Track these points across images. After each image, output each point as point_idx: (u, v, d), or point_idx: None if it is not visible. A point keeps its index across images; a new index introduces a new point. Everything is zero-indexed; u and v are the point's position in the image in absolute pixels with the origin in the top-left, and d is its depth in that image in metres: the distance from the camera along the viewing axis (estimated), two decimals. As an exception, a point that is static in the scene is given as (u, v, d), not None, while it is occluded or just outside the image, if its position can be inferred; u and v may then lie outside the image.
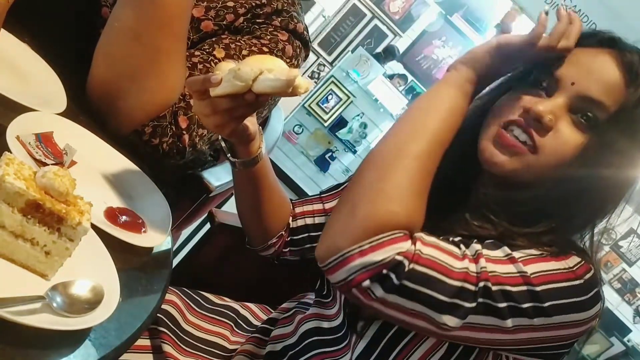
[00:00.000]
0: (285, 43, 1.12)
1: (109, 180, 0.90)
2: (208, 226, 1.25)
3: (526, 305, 0.71)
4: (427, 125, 0.78)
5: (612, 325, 4.63)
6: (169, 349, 0.95)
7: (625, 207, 0.84)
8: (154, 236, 0.84)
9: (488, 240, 0.77)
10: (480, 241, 0.76)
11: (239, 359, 1.00)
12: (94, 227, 0.71)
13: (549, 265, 0.74)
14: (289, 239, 1.08)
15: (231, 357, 1.01)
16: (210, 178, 1.19)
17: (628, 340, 4.65)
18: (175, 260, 1.07)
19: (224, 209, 1.42)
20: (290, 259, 1.09)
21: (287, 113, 4.86)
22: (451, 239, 0.76)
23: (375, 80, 4.80)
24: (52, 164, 0.75)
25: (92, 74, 1.00)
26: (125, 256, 0.76)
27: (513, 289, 0.71)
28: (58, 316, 0.59)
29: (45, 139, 0.79)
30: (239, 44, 1.09)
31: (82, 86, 1.01)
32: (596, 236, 0.83)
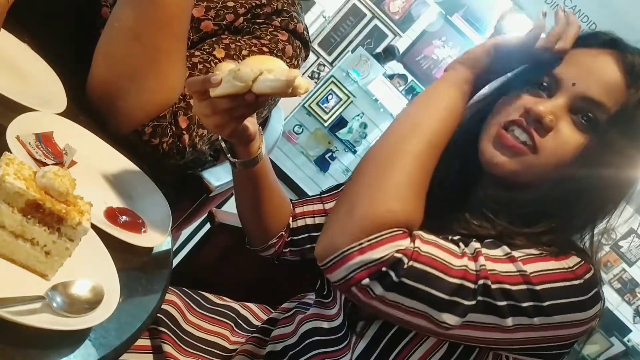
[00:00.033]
0: (285, 43, 1.12)
1: (109, 180, 0.90)
2: (208, 226, 1.25)
3: (526, 304, 0.71)
4: (425, 124, 0.79)
5: (612, 325, 4.63)
6: (169, 349, 0.95)
7: (626, 208, 0.84)
8: (154, 236, 0.84)
9: (487, 240, 0.77)
10: (479, 240, 0.76)
11: (239, 359, 1.00)
12: (94, 227, 0.72)
13: (549, 265, 0.74)
14: (289, 239, 1.08)
15: (231, 357, 1.01)
16: (210, 178, 1.19)
17: (628, 340, 4.66)
18: (175, 260, 1.07)
19: (224, 209, 1.42)
20: (291, 259, 1.09)
21: (287, 113, 4.86)
22: (450, 238, 0.76)
23: (375, 80, 4.80)
24: (52, 164, 0.75)
25: (92, 74, 1.00)
26: (125, 256, 0.76)
27: (513, 288, 0.71)
28: (58, 316, 0.59)
29: (45, 139, 0.79)
30: (239, 44, 1.09)
31: (82, 86, 1.01)
32: (596, 236, 0.83)
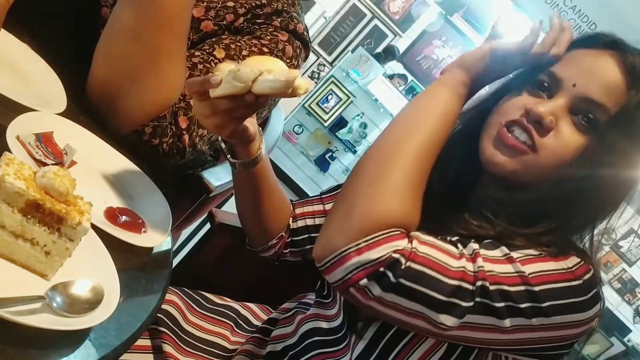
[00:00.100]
0: (286, 43, 1.12)
1: (109, 180, 0.90)
2: (208, 226, 1.25)
3: (524, 305, 0.71)
4: (422, 125, 0.79)
5: (612, 325, 4.63)
6: (169, 349, 0.95)
7: (626, 209, 0.84)
8: (154, 236, 0.84)
9: (486, 240, 0.77)
10: (478, 241, 0.76)
11: (239, 359, 1.00)
12: (94, 227, 0.72)
13: (548, 266, 0.74)
14: (289, 240, 1.08)
15: (231, 357, 1.01)
16: (210, 178, 1.19)
17: (628, 340, 4.66)
18: (175, 260, 1.07)
19: (224, 209, 1.42)
20: (291, 260, 1.09)
21: (287, 113, 4.86)
22: (449, 239, 0.76)
23: (375, 80, 4.80)
24: (52, 164, 0.75)
25: (92, 74, 1.00)
26: (125, 256, 0.76)
27: (511, 289, 0.71)
28: (58, 316, 0.59)
29: (45, 139, 0.79)
30: (239, 44, 1.09)
31: (82, 86, 1.01)
32: (596, 237, 0.83)
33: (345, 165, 5.08)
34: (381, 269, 0.69)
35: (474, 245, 0.74)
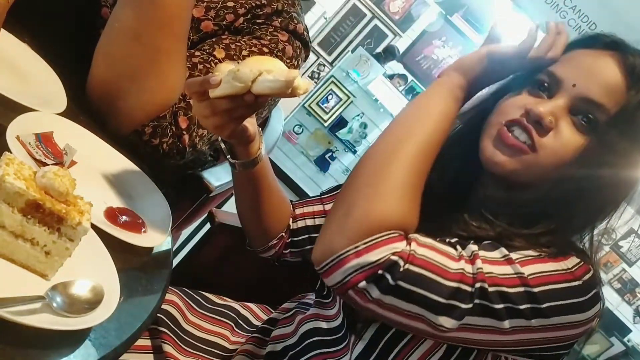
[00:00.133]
0: (286, 44, 1.12)
1: (109, 180, 0.90)
2: (208, 226, 1.25)
3: (523, 307, 0.71)
4: (419, 128, 0.79)
5: (612, 325, 4.63)
6: (169, 349, 0.95)
7: (627, 209, 0.84)
8: (154, 236, 0.84)
9: (485, 241, 0.77)
10: (477, 242, 0.76)
11: (239, 359, 1.00)
12: (94, 227, 0.72)
13: (547, 267, 0.74)
14: (289, 240, 1.08)
15: (231, 357, 1.01)
16: (210, 178, 1.19)
17: (628, 340, 4.66)
18: (175, 260, 1.07)
19: (224, 209, 1.42)
20: (291, 260, 1.09)
21: (287, 113, 4.86)
22: (448, 240, 0.76)
23: (375, 80, 4.80)
24: (52, 164, 0.75)
25: (92, 74, 1.01)
26: (125, 256, 0.76)
27: (510, 290, 0.71)
28: (58, 316, 0.59)
29: (45, 139, 0.79)
30: (239, 44, 1.09)
31: (82, 86, 1.01)
32: (596, 237, 0.83)
33: (345, 165, 5.08)
34: (380, 272, 0.69)
35: (472, 247, 0.74)
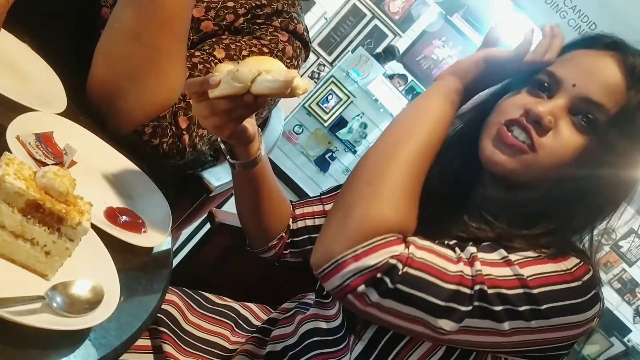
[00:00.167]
0: (286, 44, 1.12)
1: (109, 180, 0.90)
2: (208, 226, 1.25)
3: (523, 308, 0.71)
4: (416, 132, 0.79)
5: (612, 325, 4.63)
6: (169, 349, 0.95)
7: (627, 209, 0.84)
8: (154, 236, 0.84)
9: (484, 243, 0.77)
10: (477, 243, 0.76)
11: (239, 359, 1.00)
12: (94, 227, 0.72)
13: (546, 268, 0.74)
14: (289, 240, 1.08)
15: (231, 357, 1.01)
16: (210, 178, 1.19)
17: (628, 340, 4.66)
18: (175, 260, 1.07)
19: (224, 209, 1.42)
20: (291, 260, 1.09)
21: (287, 113, 4.86)
22: (446, 243, 0.76)
23: (375, 80, 4.80)
24: (52, 164, 0.75)
25: (92, 74, 1.01)
26: (125, 256, 0.76)
27: (509, 292, 0.71)
28: (58, 316, 0.59)
29: (45, 139, 0.79)
30: (239, 44, 1.09)
31: (82, 86, 1.01)
32: (596, 237, 0.83)
33: (345, 165, 5.08)
34: (378, 275, 0.68)
35: (471, 249, 0.74)
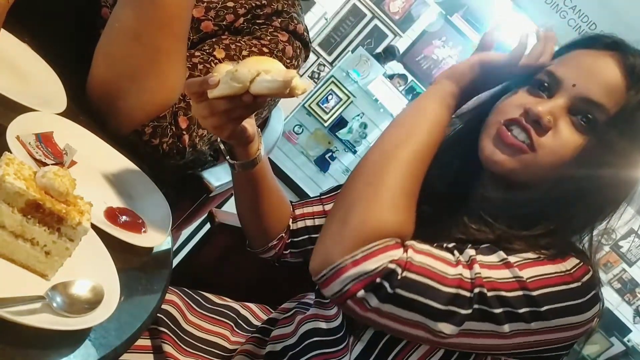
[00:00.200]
0: (286, 44, 1.12)
1: (109, 180, 0.90)
2: (208, 226, 1.25)
3: (522, 310, 0.70)
4: (412, 137, 0.79)
5: (612, 325, 4.63)
6: (169, 349, 0.95)
7: (627, 209, 0.84)
8: (154, 236, 0.84)
9: (484, 245, 0.77)
10: (476, 245, 0.76)
11: (239, 359, 1.00)
12: (94, 227, 0.72)
13: (546, 269, 0.74)
14: (289, 241, 1.08)
15: (231, 357, 1.01)
16: (210, 178, 1.19)
17: (628, 340, 4.66)
18: (175, 260, 1.07)
19: (224, 209, 1.42)
20: (291, 261, 1.09)
21: (287, 113, 4.86)
22: (445, 246, 0.76)
23: (375, 80, 4.80)
24: (52, 164, 0.75)
25: (92, 74, 1.01)
26: (125, 256, 0.76)
27: (509, 294, 0.71)
28: (58, 316, 0.59)
29: (45, 139, 0.79)
30: (239, 44, 1.09)
31: (82, 86, 1.01)
32: (596, 237, 0.83)
33: (345, 165, 5.09)
34: (378, 280, 0.68)
35: (470, 252, 0.74)
